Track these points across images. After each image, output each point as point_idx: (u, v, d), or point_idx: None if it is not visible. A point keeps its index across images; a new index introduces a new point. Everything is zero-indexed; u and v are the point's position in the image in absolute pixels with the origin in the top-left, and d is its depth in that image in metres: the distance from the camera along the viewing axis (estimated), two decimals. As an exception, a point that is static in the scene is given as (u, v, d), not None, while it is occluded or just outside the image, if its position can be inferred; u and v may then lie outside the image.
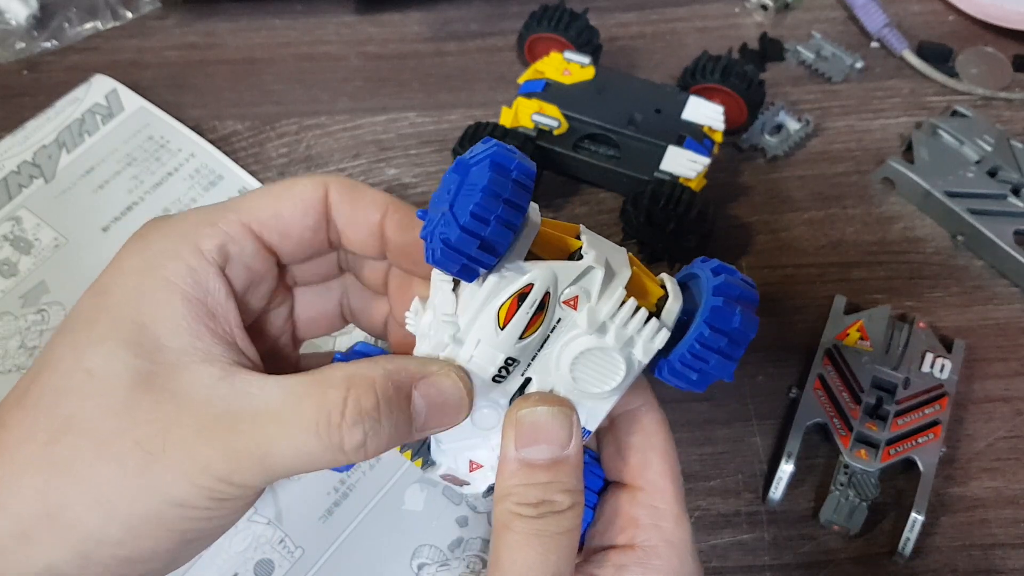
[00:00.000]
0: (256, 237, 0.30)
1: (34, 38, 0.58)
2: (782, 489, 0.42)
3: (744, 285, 0.28)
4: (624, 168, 0.50)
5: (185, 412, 0.26)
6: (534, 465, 0.28)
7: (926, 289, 0.50)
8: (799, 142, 0.55)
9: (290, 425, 0.26)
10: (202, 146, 0.53)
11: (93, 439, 0.26)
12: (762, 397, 0.46)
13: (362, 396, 0.26)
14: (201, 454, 0.26)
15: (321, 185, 0.30)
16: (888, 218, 0.52)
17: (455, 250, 0.25)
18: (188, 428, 0.26)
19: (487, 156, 0.26)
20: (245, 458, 0.26)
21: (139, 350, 0.27)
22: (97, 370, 0.26)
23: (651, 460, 0.31)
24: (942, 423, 0.43)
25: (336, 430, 0.26)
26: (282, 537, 0.41)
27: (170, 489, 0.26)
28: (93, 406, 0.26)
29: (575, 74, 0.52)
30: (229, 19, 0.60)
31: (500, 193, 0.25)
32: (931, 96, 0.58)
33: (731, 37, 0.61)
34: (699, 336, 0.27)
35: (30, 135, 0.53)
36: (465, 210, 0.25)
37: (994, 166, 0.52)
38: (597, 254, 0.28)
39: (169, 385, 0.26)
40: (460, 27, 0.61)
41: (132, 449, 0.26)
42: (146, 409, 0.26)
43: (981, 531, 0.42)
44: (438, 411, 0.28)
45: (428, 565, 0.40)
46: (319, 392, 0.26)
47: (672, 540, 0.30)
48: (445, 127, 0.56)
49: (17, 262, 0.48)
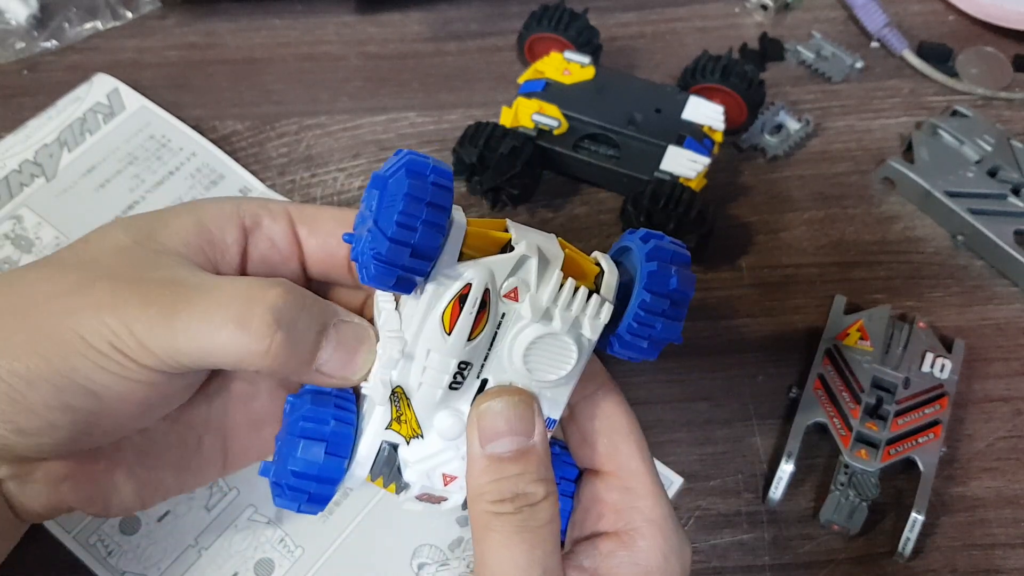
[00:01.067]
0: (290, 221, 0.32)
1: (34, 38, 0.58)
2: (782, 489, 0.42)
3: (674, 247, 0.29)
4: (624, 168, 0.50)
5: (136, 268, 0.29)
6: (502, 459, 0.28)
7: (926, 289, 0.50)
8: (799, 142, 0.55)
9: (209, 293, 0.28)
10: (203, 145, 0.53)
11: (49, 267, 0.30)
12: (762, 397, 0.46)
13: (289, 293, 0.28)
14: (121, 295, 0.28)
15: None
16: (888, 218, 0.52)
17: (388, 263, 0.25)
18: (126, 277, 0.28)
19: (401, 165, 0.26)
20: (155, 315, 0.27)
21: (137, 236, 0.30)
22: (92, 238, 0.31)
23: (618, 443, 0.31)
24: (942, 423, 0.43)
25: (249, 307, 0.27)
26: (282, 536, 0.41)
27: (83, 318, 0.27)
28: (67, 253, 0.31)
29: (575, 74, 0.52)
30: (229, 19, 0.60)
31: (421, 197, 0.25)
32: (931, 96, 0.58)
33: (731, 37, 0.61)
34: (641, 303, 0.28)
35: (32, 134, 0.53)
36: (390, 221, 0.25)
37: (994, 166, 0.52)
38: (528, 243, 0.28)
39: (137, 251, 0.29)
40: (460, 27, 0.61)
41: (72, 276, 0.29)
42: (105, 259, 0.29)
43: (981, 531, 0.42)
44: (344, 353, 0.29)
45: (428, 565, 0.40)
46: (251, 280, 0.29)
47: (652, 518, 0.30)
48: (445, 127, 0.56)
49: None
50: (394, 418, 0.29)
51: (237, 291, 0.28)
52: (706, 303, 0.49)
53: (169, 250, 0.30)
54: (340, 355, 0.29)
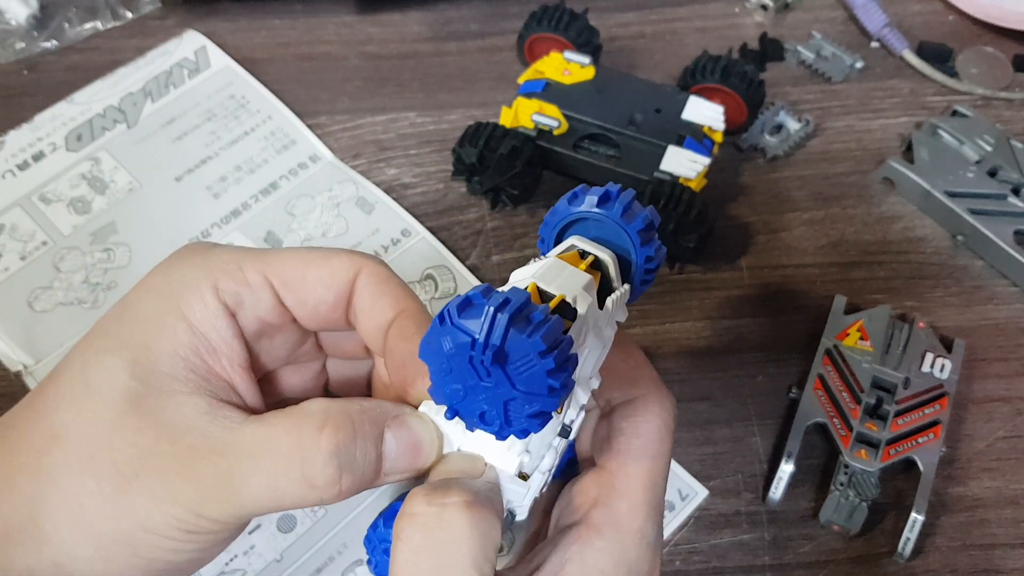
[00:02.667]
0: (274, 292, 0.30)
1: (34, 38, 0.58)
2: (782, 489, 0.42)
3: (626, 195, 0.30)
4: (624, 168, 0.50)
5: (164, 440, 0.26)
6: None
7: (926, 289, 0.50)
8: (799, 142, 0.55)
9: (263, 458, 0.26)
10: (280, 110, 0.55)
11: (79, 453, 0.26)
12: (762, 397, 0.46)
13: (339, 429, 0.26)
14: (172, 483, 0.26)
15: (355, 266, 0.30)
16: (888, 218, 0.52)
17: (557, 408, 0.24)
18: (164, 456, 0.26)
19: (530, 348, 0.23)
20: (216, 491, 0.26)
21: (135, 369, 0.27)
22: (95, 384, 0.27)
23: (632, 446, 0.30)
24: (942, 423, 0.43)
25: (310, 465, 0.26)
26: None
27: (141, 514, 0.26)
28: (84, 421, 0.27)
29: (575, 74, 0.52)
30: (229, 19, 0.60)
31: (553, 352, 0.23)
32: (931, 96, 0.58)
33: (731, 37, 0.61)
34: (646, 270, 0.30)
35: (119, 81, 0.56)
36: (542, 384, 0.23)
37: (994, 166, 0.52)
38: (580, 299, 0.27)
39: (155, 411, 0.27)
40: (460, 27, 0.61)
41: (110, 469, 0.26)
42: (130, 431, 0.26)
43: (981, 531, 0.42)
44: (408, 452, 0.28)
45: None
46: (295, 425, 0.26)
47: (620, 523, 0.28)
48: (445, 127, 0.56)
49: (91, 200, 0.51)
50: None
51: (289, 448, 0.26)
52: (706, 303, 0.49)
53: (179, 387, 0.28)
54: (406, 457, 0.28)
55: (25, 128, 0.53)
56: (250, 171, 0.53)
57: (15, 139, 0.53)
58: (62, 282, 0.48)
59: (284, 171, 0.53)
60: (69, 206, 0.51)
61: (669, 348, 0.47)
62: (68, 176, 0.52)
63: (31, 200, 0.51)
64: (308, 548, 0.40)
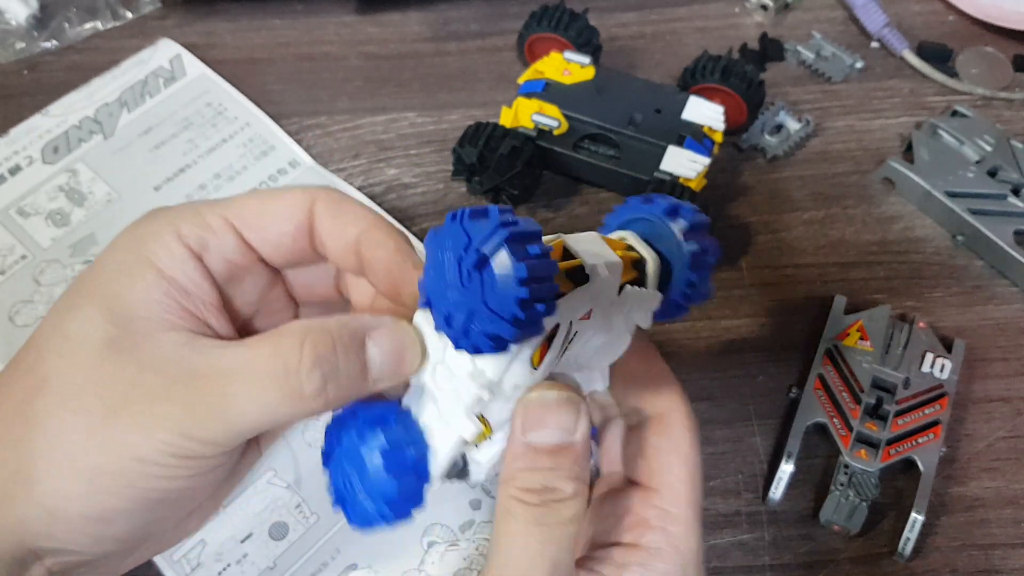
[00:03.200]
0: (236, 232, 0.31)
1: (34, 38, 0.58)
2: (782, 489, 0.42)
3: (697, 216, 0.29)
4: (624, 168, 0.50)
5: (147, 372, 0.27)
6: (539, 450, 0.28)
7: (926, 289, 0.50)
8: (799, 142, 0.55)
9: (248, 375, 0.27)
10: (258, 116, 0.55)
11: (61, 396, 0.27)
12: (762, 397, 0.46)
13: (318, 342, 0.27)
14: (161, 410, 0.27)
15: (309, 196, 0.31)
16: (888, 218, 0.52)
17: (512, 340, 0.24)
18: (149, 386, 0.27)
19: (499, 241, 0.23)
20: (206, 413, 0.27)
21: (111, 316, 0.28)
22: (72, 333, 0.28)
23: (672, 464, 0.31)
24: (942, 423, 0.43)
25: (294, 375, 0.27)
26: (299, 502, 0.41)
27: (131, 443, 0.27)
28: (65, 366, 0.27)
29: (575, 74, 0.52)
30: (229, 19, 0.60)
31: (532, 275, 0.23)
32: (931, 96, 0.58)
33: (731, 37, 0.61)
34: (688, 275, 0.29)
35: (95, 92, 0.55)
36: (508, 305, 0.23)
37: (994, 166, 0.52)
38: (599, 267, 0.27)
39: (136, 348, 0.28)
40: (460, 27, 0.61)
41: (95, 405, 0.27)
42: (111, 370, 0.27)
43: (981, 531, 0.42)
44: (391, 359, 0.28)
45: (438, 544, 0.41)
46: (275, 342, 0.27)
47: (679, 546, 0.30)
48: (445, 127, 0.56)
49: (70, 213, 0.51)
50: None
51: (272, 364, 0.27)
52: (706, 303, 0.49)
53: (156, 326, 0.29)
54: (389, 364, 0.29)
55: (0, 142, 0.53)
56: (229, 178, 0.52)
57: (-11, 152, 0.52)
58: (43, 295, 0.47)
59: (263, 177, 0.53)
60: (47, 219, 0.50)
61: (669, 348, 0.47)
62: (45, 189, 0.51)
63: (9, 214, 0.50)
64: (301, 555, 0.40)
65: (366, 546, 0.40)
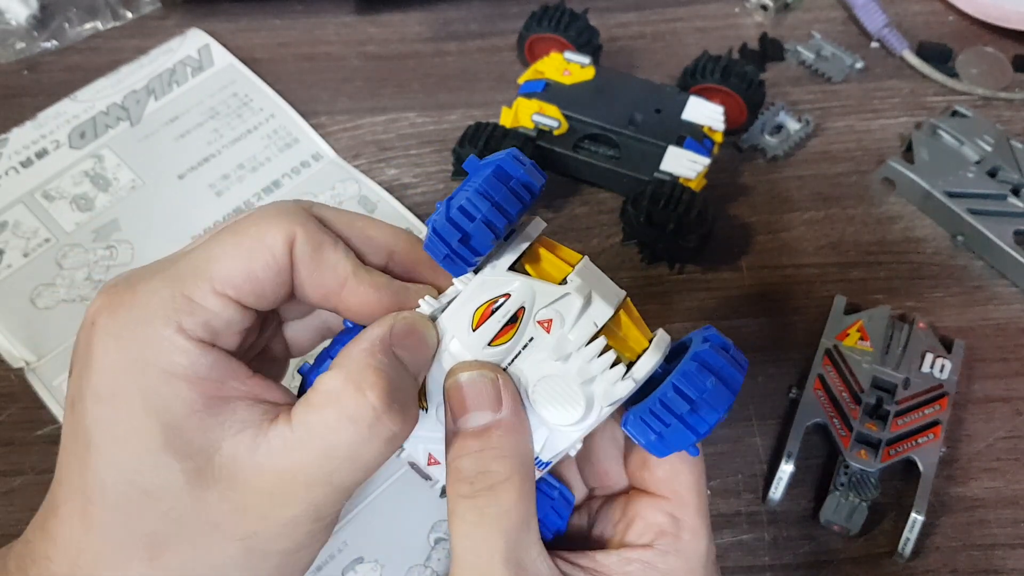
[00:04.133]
0: (235, 302, 0.28)
1: (34, 38, 0.58)
2: (782, 489, 0.42)
3: (729, 360, 0.27)
4: (624, 168, 0.50)
5: (249, 494, 0.26)
6: (466, 434, 0.28)
7: (926, 289, 0.50)
8: (799, 142, 0.55)
9: (336, 450, 0.26)
10: (283, 108, 0.56)
11: (191, 548, 0.26)
12: (762, 397, 0.46)
13: (375, 382, 0.26)
14: (287, 518, 0.26)
15: (287, 237, 0.28)
16: (888, 218, 0.52)
17: (439, 237, 0.26)
18: (260, 504, 0.26)
19: (496, 160, 0.27)
20: (324, 497, 0.26)
21: (175, 451, 0.26)
22: (153, 487, 0.26)
23: (680, 472, 0.31)
24: (942, 423, 0.43)
25: (379, 426, 0.26)
26: None
27: (278, 550, 0.27)
28: (171, 520, 0.26)
29: (575, 74, 0.52)
30: (229, 19, 0.60)
31: (492, 195, 0.26)
32: (931, 96, 0.58)
33: (731, 37, 0.61)
34: (663, 395, 0.27)
35: (123, 79, 0.56)
36: (456, 203, 0.26)
37: (994, 166, 0.52)
38: (582, 284, 0.28)
39: (220, 473, 0.26)
40: (460, 27, 0.61)
41: (229, 543, 0.26)
42: (216, 504, 0.26)
43: (981, 531, 0.42)
44: (415, 346, 0.28)
45: (445, 540, 0.41)
46: (337, 409, 0.26)
47: (686, 552, 0.30)
48: (445, 127, 0.56)
49: (94, 198, 0.51)
50: None
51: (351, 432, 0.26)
52: (706, 303, 0.49)
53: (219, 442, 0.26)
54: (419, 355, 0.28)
55: (28, 125, 0.54)
56: (252, 169, 0.53)
57: (18, 136, 0.53)
58: (64, 279, 0.48)
59: (286, 169, 0.53)
60: (72, 203, 0.51)
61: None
62: (71, 173, 0.52)
63: (34, 197, 0.51)
64: None
65: (373, 540, 0.41)
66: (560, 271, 0.28)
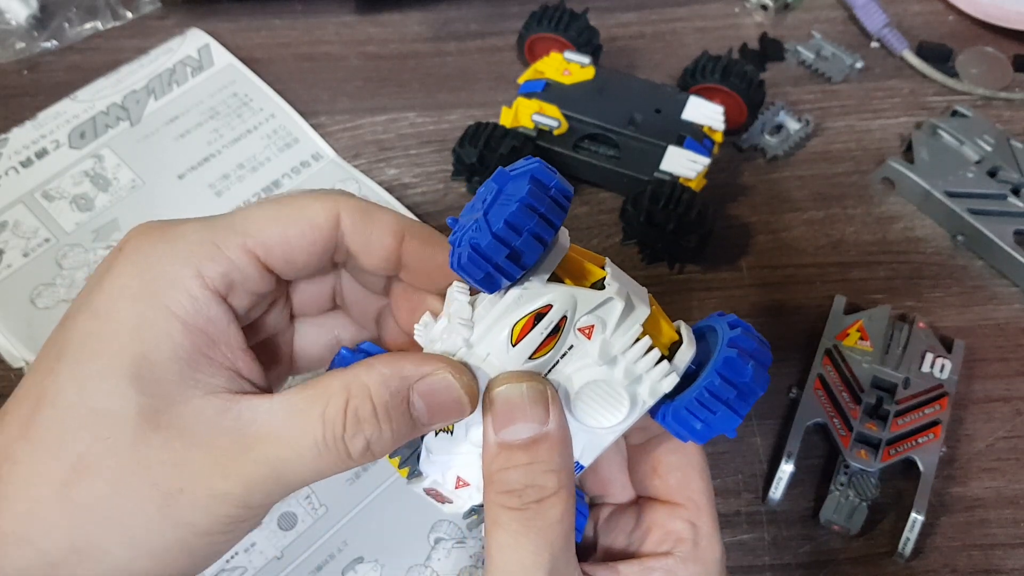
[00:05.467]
0: (259, 261, 0.28)
1: (34, 38, 0.58)
2: (782, 489, 0.42)
3: (759, 342, 0.28)
4: (624, 168, 0.50)
5: (195, 449, 0.26)
6: (513, 446, 0.27)
7: (926, 289, 0.50)
8: (799, 142, 0.55)
9: (298, 445, 0.26)
10: (283, 108, 0.56)
11: (110, 482, 0.26)
12: (762, 397, 0.46)
13: (360, 406, 0.26)
14: (218, 487, 0.26)
15: (333, 209, 0.29)
16: (888, 218, 0.52)
17: (483, 256, 0.25)
18: (200, 464, 0.26)
19: (528, 170, 0.26)
20: (261, 483, 0.26)
21: (142, 385, 0.26)
22: (103, 408, 0.26)
23: (691, 479, 0.31)
24: (942, 423, 0.43)
25: (341, 442, 0.26)
26: (308, 493, 0.42)
27: (193, 522, 0.26)
28: (104, 448, 0.26)
29: (575, 74, 0.52)
30: (229, 19, 0.60)
31: (537, 207, 0.25)
32: (931, 96, 0.58)
33: (731, 37, 0.61)
34: (709, 384, 0.27)
35: (123, 79, 0.56)
36: (500, 218, 0.25)
37: (994, 166, 0.52)
38: (620, 287, 0.27)
39: (175, 422, 0.26)
40: (460, 27, 0.61)
41: (150, 491, 0.26)
42: (157, 448, 0.26)
43: (981, 531, 0.42)
44: (438, 409, 0.27)
45: (445, 540, 0.41)
46: (319, 407, 0.26)
47: (704, 558, 0.30)
48: (445, 127, 0.56)
49: (94, 198, 0.51)
50: None
51: (320, 433, 0.26)
52: (706, 303, 0.49)
53: (190, 391, 0.27)
54: (437, 415, 0.28)
55: (28, 125, 0.54)
56: (252, 169, 0.53)
57: (18, 136, 0.53)
58: (64, 279, 0.48)
59: (286, 169, 0.53)
60: (72, 203, 0.51)
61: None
62: (71, 173, 0.52)
63: (34, 197, 0.51)
64: (309, 546, 0.40)
65: (373, 539, 0.41)
66: (593, 276, 0.28)
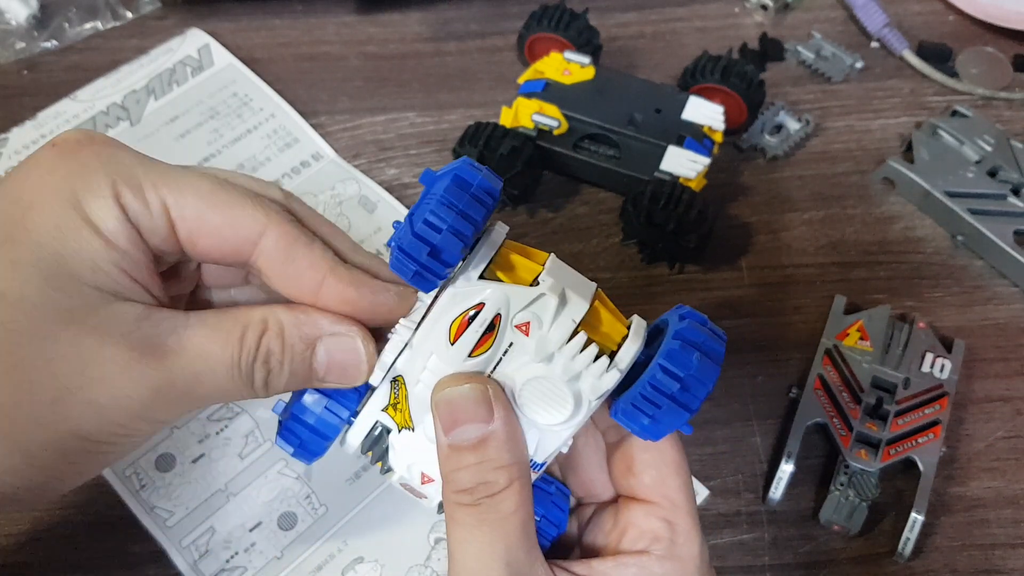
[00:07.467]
0: (170, 223, 0.28)
1: (34, 38, 0.58)
2: (782, 489, 0.42)
3: (709, 333, 0.28)
4: (624, 168, 0.50)
5: (109, 348, 0.26)
6: (461, 448, 0.28)
7: (926, 289, 0.50)
8: (799, 142, 0.55)
9: (214, 361, 0.28)
10: (283, 108, 0.56)
11: (6, 364, 0.26)
12: (762, 397, 0.46)
13: (272, 340, 0.28)
14: (122, 390, 0.26)
15: (258, 227, 0.29)
16: (888, 218, 0.52)
17: (407, 255, 0.26)
18: (110, 365, 0.26)
19: (451, 169, 0.27)
20: (167, 391, 0.27)
21: (59, 282, 0.26)
22: (11, 294, 0.26)
23: (666, 476, 0.31)
24: (942, 423, 0.43)
25: (247, 368, 0.28)
26: (308, 493, 0.41)
27: (80, 425, 0.26)
28: (6, 331, 0.26)
29: (575, 74, 0.52)
30: (229, 19, 0.60)
31: (455, 204, 0.26)
32: (931, 96, 0.58)
33: (731, 37, 0.61)
34: (651, 378, 0.27)
35: (123, 79, 0.56)
36: (420, 217, 0.26)
37: (994, 166, 0.52)
38: (554, 283, 0.27)
39: (90, 320, 0.26)
40: (460, 27, 0.61)
41: (48, 381, 0.26)
42: (65, 342, 0.26)
43: (981, 531, 0.42)
44: (338, 368, 0.29)
45: (444, 540, 0.41)
46: (239, 330, 0.28)
47: (682, 555, 0.30)
48: (445, 127, 0.56)
49: None
50: (391, 403, 0.29)
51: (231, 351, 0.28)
52: (706, 303, 0.49)
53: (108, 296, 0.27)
54: (334, 373, 0.29)
55: (28, 125, 0.53)
56: (252, 169, 0.53)
57: (18, 136, 0.53)
58: None
59: (286, 169, 0.53)
60: None
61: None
62: None
63: None
64: (308, 546, 0.40)
65: (373, 540, 0.41)
66: (530, 272, 0.28)
